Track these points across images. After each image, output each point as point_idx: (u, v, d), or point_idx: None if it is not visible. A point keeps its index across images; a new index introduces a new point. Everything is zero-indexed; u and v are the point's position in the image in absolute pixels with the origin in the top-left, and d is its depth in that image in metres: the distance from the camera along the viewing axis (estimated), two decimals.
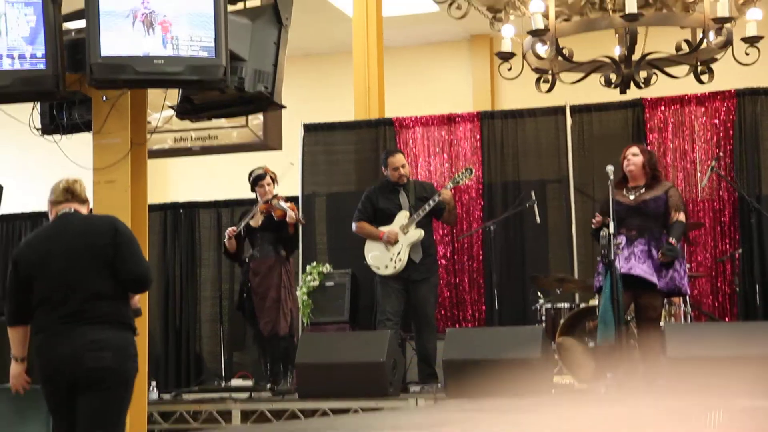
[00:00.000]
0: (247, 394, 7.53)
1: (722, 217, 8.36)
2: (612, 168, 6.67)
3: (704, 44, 7.07)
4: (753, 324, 7.37)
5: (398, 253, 7.61)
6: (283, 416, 7.00)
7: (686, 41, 7.24)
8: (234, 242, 7.82)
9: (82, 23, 5.63)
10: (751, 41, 6.90)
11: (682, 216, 6.76)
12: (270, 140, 10.13)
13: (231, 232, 7.80)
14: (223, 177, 11.90)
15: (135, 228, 5.43)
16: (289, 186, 8.81)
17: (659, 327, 6.68)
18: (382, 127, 9.27)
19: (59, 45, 5.59)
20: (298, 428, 4.38)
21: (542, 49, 7.33)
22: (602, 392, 6.43)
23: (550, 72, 7.44)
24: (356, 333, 8.19)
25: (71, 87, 5.77)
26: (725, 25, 6.84)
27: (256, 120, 10.01)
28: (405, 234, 7.63)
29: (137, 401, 4.63)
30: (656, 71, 7.33)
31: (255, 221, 7.77)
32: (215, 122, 9.61)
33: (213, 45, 5.52)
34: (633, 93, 7.64)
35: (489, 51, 13.45)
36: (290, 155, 9.52)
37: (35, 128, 6.20)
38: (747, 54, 6.91)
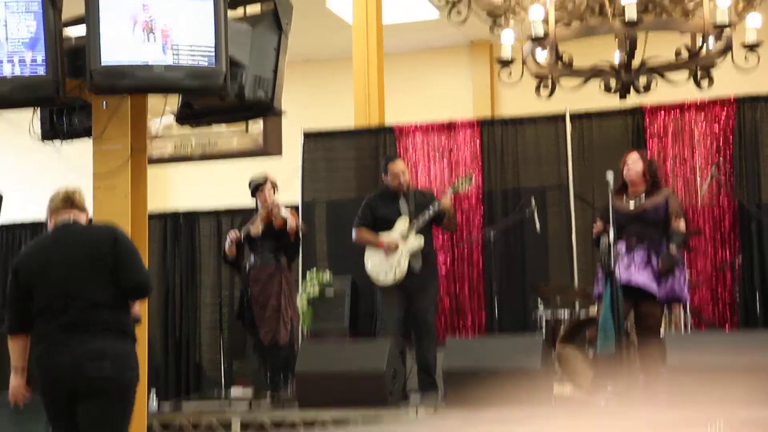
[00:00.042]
0: (247, 403, 7.51)
1: (722, 225, 8.34)
2: (612, 174, 6.66)
3: (704, 50, 7.06)
4: (753, 333, 7.35)
5: (398, 261, 7.57)
6: (283, 425, 6.97)
7: (686, 47, 7.23)
8: (234, 248, 7.80)
9: (83, 29, 5.62)
10: (752, 47, 6.90)
11: (683, 223, 6.75)
12: (270, 146, 10.11)
13: (234, 237, 7.76)
14: (224, 183, 11.88)
15: (135, 235, 5.41)
16: (289, 193, 8.80)
17: (659, 336, 6.67)
18: (382, 134, 9.26)
19: (59, 51, 5.58)
20: None
21: (542, 55, 7.32)
22: (602, 404, 6.41)
23: (550, 78, 7.43)
24: (356, 342, 8.16)
25: (71, 93, 5.75)
26: (725, 31, 6.83)
27: (256, 126, 9.99)
28: (405, 242, 7.61)
29: (137, 410, 4.60)
30: (656, 76, 7.32)
31: (255, 229, 7.74)
32: (215, 128, 9.61)
33: (213, 52, 5.51)
34: (633, 98, 7.64)
35: (489, 57, 13.44)
36: (290, 161, 9.52)
37: (35, 134, 6.19)
38: (746, 59, 6.91)
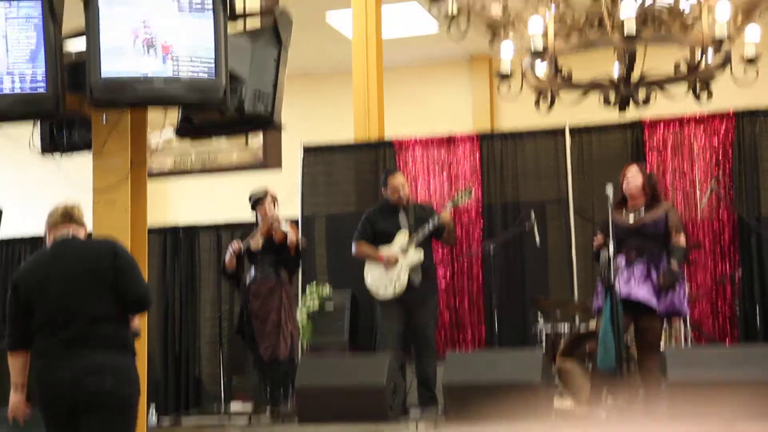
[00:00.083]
0: (247, 418, 7.48)
1: (722, 238, 8.34)
2: (611, 188, 6.66)
3: (703, 63, 7.07)
4: (753, 347, 7.33)
5: (398, 275, 7.57)
6: None
7: (685, 60, 7.25)
8: (234, 260, 7.78)
9: (82, 42, 5.63)
10: (750, 60, 6.91)
11: (683, 238, 6.74)
12: (270, 160, 10.12)
13: (236, 247, 7.73)
14: (223, 197, 11.88)
15: (134, 249, 5.41)
16: (289, 207, 8.80)
17: (659, 350, 6.65)
18: (382, 148, 9.26)
19: (59, 65, 5.58)
20: None
21: (541, 68, 7.34)
22: (603, 417, 6.40)
23: (549, 91, 7.44)
24: (356, 356, 8.14)
25: (71, 107, 5.75)
26: (723, 44, 6.84)
27: (256, 140, 10.00)
28: (405, 256, 7.60)
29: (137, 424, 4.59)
30: (655, 90, 7.32)
31: (255, 243, 7.72)
32: (215, 142, 9.62)
33: (213, 66, 5.51)
34: (632, 112, 7.64)
35: (488, 71, 13.46)
36: (290, 175, 9.52)
37: (35, 148, 6.19)
38: (745, 73, 6.91)
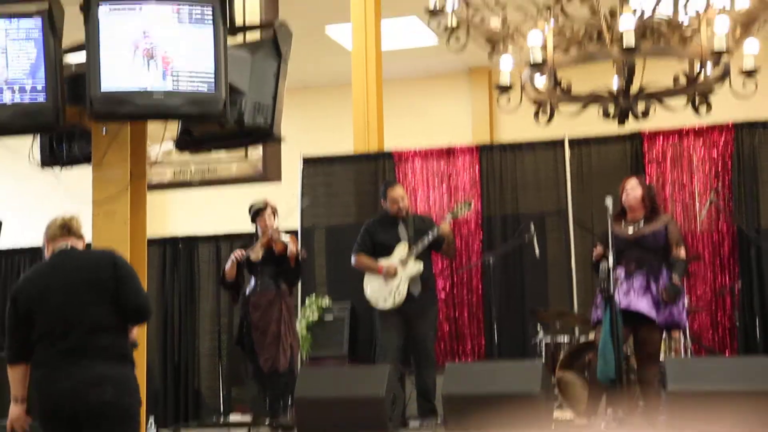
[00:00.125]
0: (246, 430, 7.47)
1: (721, 250, 8.35)
2: (611, 200, 6.66)
3: (702, 76, 7.08)
4: (753, 359, 7.33)
5: (397, 287, 7.57)
6: None
7: (684, 73, 7.26)
8: (234, 271, 7.76)
9: (83, 56, 5.64)
10: (749, 74, 6.92)
11: (683, 251, 6.74)
12: (269, 172, 10.12)
13: (239, 255, 7.72)
14: (223, 209, 11.88)
15: (134, 261, 5.41)
16: (289, 219, 8.80)
17: (658, 361, 6.65)
18: (382, 160, 9.28)
19: (59, 78, 5.59)
20: None
21: (540, 81, 7.35)
22: (602, 429, 6.39)
23: (549, 104, 7.45)
24: (355, 367, 8.14)
25: (71, 120, 5.76)
26: (722, 58, 6.86)
27: (256, 152, 10.01)
28: (404, 267, 7.61)
29: None
30: (655, 102, 7.34)
31: (255, 255, 7.72)
32: (214, 155, 9.61)
33: (213, 78, 5.52)
34: (631, 124, 7.65)
35: (488, 83, 13.48)
36: (290, 187, 9.53)
37: (34, 161, 6.20)
38: (744, 86, 6.93)
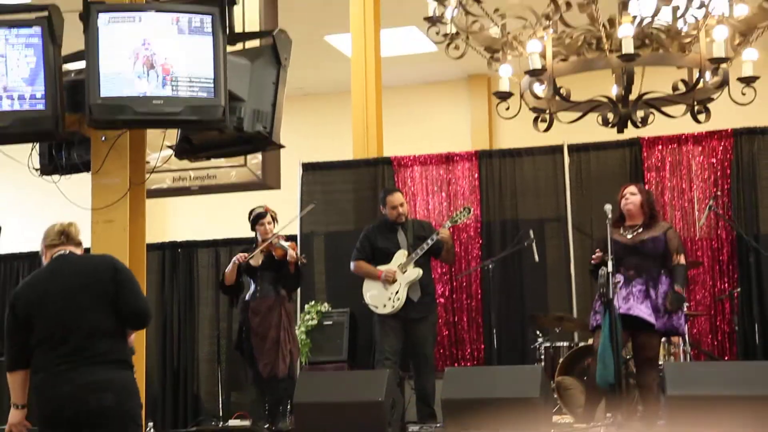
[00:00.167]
0: None
1: (720, 256, 8.36)
2: (610, 207, 6.68)
3: (701, 84, 7.10)
4: (752, 363, 7.34)
5: (396, 292, 7.59)
6: None
7: (683, 81, 7.27)
8: (234, 275, 7.76)
9: (82, 64, 5.65)
10: (747, 81, 6.93)
11: (683, 259, 6.75)
12: (268, 179, 10.15)
13: (242, 257, 7.72)
14: (222, 216, 11.90)
15: (133, 267, 5.41)
16: (290, 226, 8.80)
17: (657, 366, 6.66)
18: (381, 166, 9.29)
19: (59, 86, 5.61)
20: None
21: (540, 89, 7.37)
22: None
23: (548, 111, 7.47)
24: (355, 372, 8.15)
25: (70, 127, 5.78)
26: (721, 66, 6.87)
27: (255, 159, 10.03)
28: (403, 273, 7.62)
29: None
30: (653, 111, 7.36)
31: (255, 260, 7.73)
32: (214, 161, 9.62)
33: (212, 85, 5.54)
34: (630, 132, 7.66)
35: (487, 90, 13.51)
36: (289, 194, 9.53)
37: (34, 169, 6.21)
38: (743, 94, 6.94)
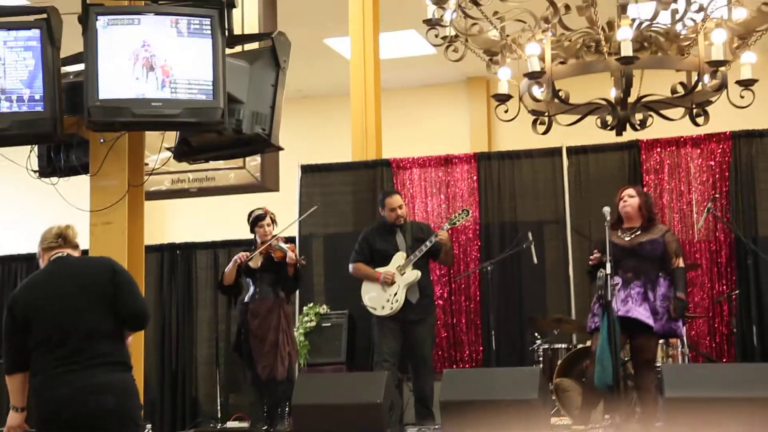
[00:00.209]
0: None
1: (719, 258, 8.36)
2: (608, 209, 6.68)
3: (699, 87, 7.10)
4: (750, 365, 7.35)
5: (395, 294, 7.60)
6: None
7: (681, 84, 7.28)
8: (234, 275, 7.76)
9: (81, 66, 5.66)
10: (746, 84, 6.94)
11: (682, 262, 6.76)
12: (267, 182, 10.14)
13: (242, 257, 7.71)
14: (221, 218, 11.90)
15: (131, 269, 5.43)
16: (287, 227, 8.81)
17: (654, 368, 6.67)
18: (379, 168, 9.29)
19: (57, 88, 5.62)
20: None
21: (538, 92, 7.37)
22: None
23: (547, 114, 7.47)
24: (353, 374, 8.16)
25: (69, 129, 5.79)
26: (720, 69, 6.88)
27: (254, 161, 10.02)
28: (402, 275, 7.63)
29: None
30: (652, 113, 7.37)
31: (254, 262, 7.73)
32: (212, 164, 9.60)
33: (211, 87, 5.55)
34: (629, 135, 7.67)
35: (486, 93, 13.52)
36: (288, 196, 9.54)
37: (32, 171, 6.21)
38: (742, 97, 6.95)
